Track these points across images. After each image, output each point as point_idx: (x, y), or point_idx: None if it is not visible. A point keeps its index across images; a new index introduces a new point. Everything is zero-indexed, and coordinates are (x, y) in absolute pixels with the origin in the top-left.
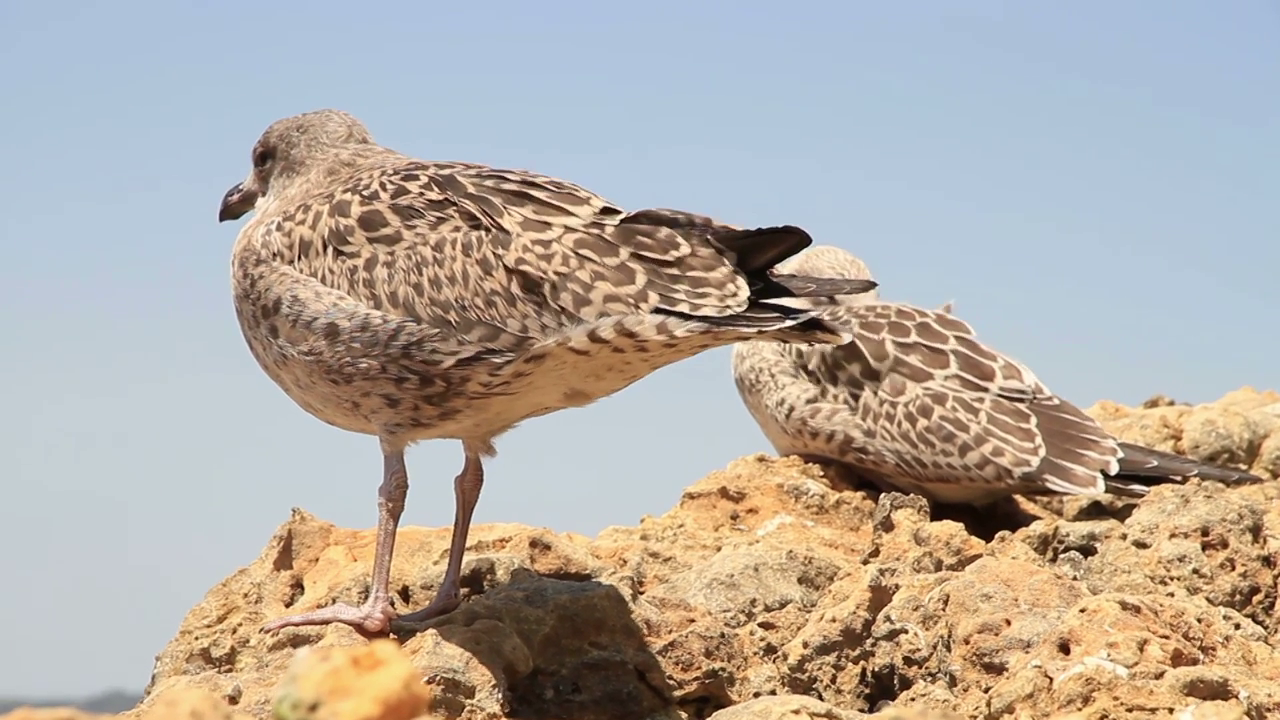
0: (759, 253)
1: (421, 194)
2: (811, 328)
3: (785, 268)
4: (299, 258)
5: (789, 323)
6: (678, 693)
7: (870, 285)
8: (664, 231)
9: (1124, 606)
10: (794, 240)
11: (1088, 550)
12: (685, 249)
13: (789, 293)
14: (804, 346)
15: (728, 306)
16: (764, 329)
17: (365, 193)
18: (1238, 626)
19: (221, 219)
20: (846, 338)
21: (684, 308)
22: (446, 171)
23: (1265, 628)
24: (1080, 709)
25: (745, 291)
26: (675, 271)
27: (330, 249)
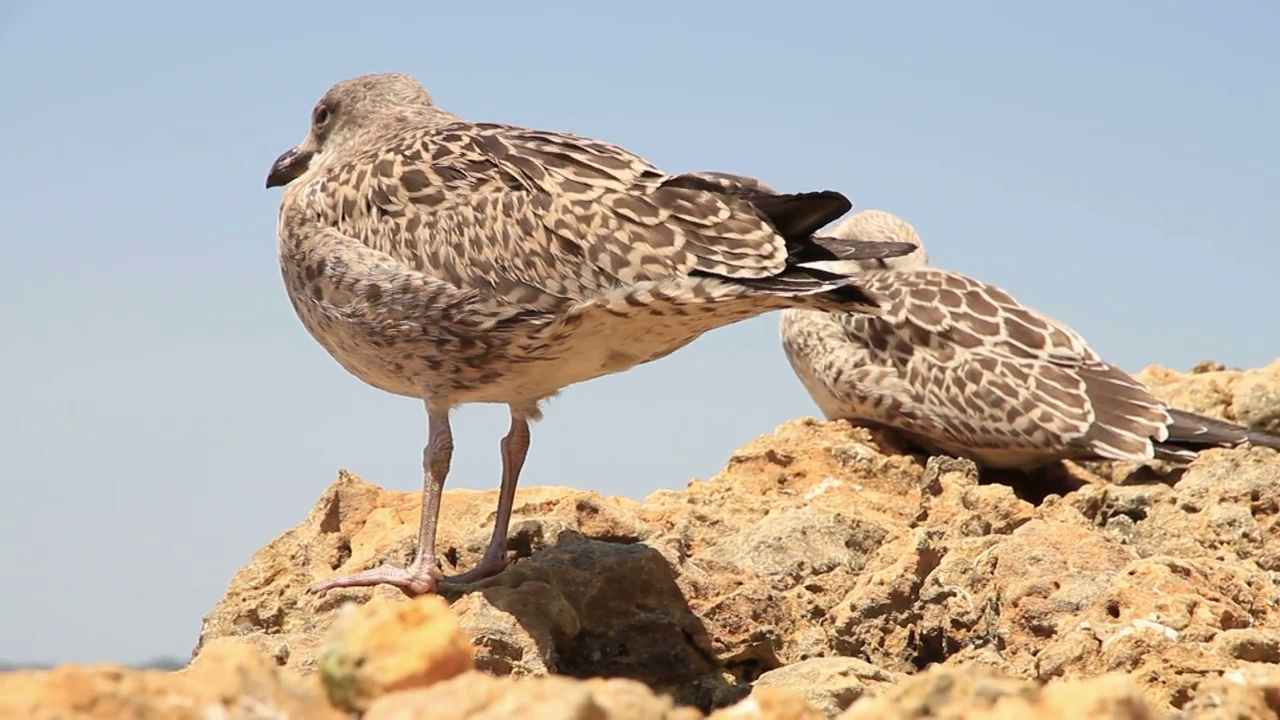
0: (799, 218)
1: (463, 154)
2: (849, 297)
3: (834, 232)
4: (343, 218)
5: (826, 287)
6: (725, 655)
7: (910, 248)
8: (705, 196)
9: (1173, 569)
10: (834, 205)
11: (1137, 514)
12: (725, 213)
13: (831, 256)
14: (844, 315)
15: (765, 268)
16: (800, 294)
17: (408, 152)
18: None
19: (269, 185)
20: (885, 307)
21: (721, 269)
22: (489, 132)
23: None
24: (1129, 671)
25: (783, 253)
26: (713, 233)
27: (374, 209)
